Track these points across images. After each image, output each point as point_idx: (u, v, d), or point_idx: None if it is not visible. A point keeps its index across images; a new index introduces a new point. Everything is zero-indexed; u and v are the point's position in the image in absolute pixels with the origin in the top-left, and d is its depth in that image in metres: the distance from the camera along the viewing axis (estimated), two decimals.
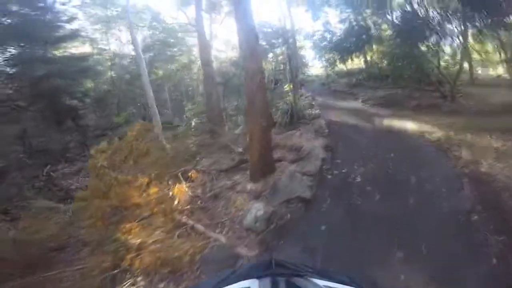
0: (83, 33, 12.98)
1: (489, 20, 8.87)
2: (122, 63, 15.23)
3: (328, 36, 13.80)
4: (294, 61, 11.37)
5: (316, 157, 5.04)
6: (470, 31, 9.81)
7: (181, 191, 5.49)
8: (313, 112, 9.47)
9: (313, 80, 21.12)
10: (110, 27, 14.57)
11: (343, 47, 12.99)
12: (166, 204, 4.26)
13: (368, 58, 16.28)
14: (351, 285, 0.69)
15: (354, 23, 12.32)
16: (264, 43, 12.53)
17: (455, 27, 10.06)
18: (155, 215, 4.04)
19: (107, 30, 14.76)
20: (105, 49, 15.17)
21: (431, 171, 4.21)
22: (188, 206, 4.70)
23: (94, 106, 13.71)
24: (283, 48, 12.64)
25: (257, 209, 4.00)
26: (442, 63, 11.04)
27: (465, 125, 6.49)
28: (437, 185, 3.84)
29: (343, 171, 4.65)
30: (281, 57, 13.80)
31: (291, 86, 10.87)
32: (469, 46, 10.94)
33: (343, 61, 14.38)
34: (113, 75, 15.01)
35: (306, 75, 20.80)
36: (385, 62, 13.15)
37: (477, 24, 9.34)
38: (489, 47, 11.28)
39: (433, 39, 10.41)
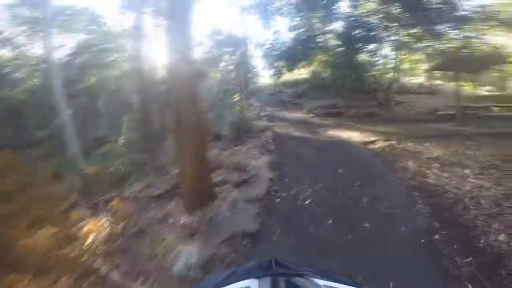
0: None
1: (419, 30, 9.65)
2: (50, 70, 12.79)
3: (277, 45, 13.71)
4: (244, 70, 11.04)
5: (263, 179, 4.40)
6: (402, 41, 10.60)
7: (96, 227, 4.31)
8: (261, 123, 9.00)
9: (263, 90, 21.11)
10: (37, 29, 12.15)
11: (290, 56, 13.02)
12: (71, 246, 3.18)
13: (313, 68, 16.86)
14: (351, 285, 0.68)
15: (302, 31, 12.47)
16: (215, 51, 11.78)
17: (391, 36, 10.80)
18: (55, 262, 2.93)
19: (34, 33, 12.30)
20: (29, 54, 12.70)
21: (381, 187, 3.93)
22: (104, 247, 3.70)
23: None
24: (234, 57, 12.10)
25: (189, 254, 3.12)
26: (377, 72, 11.78)
27: (404, 133, 6.71)
28: (390, 203, 3.51)
29: (292, 192, 4.08)
30: (231, 66, 13.28)
31: (241, 97, 10.27)
32: (401, 55, 11.93)
33: (290, 70, 14.44)
34: (36, 83, 12.50)
35: (257, 85, 20.68)
36: (328, 71, 13.61)
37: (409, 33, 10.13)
38: (416, 56, 12.48)
39: (371, 47, 11.03)
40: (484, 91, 13.27)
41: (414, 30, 9.82)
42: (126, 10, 11.51)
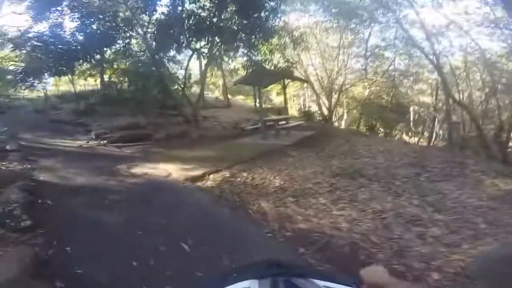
0: None
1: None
2: None
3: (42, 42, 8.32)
4: None
5: None
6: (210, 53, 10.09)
7: None
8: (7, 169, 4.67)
9: (23, 106, 14.26)
10: None
11: (70, 58, 8.47)
12: None
13: (106, 78, 12.97)
14: (350, 286, 0.66)
15: (96, 27, 8.33)
16: None
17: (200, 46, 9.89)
18: None
19: None
20: None
21: (245, 257, 2.35)
22: None
23: None
24: None
25: None
26: (183, 84, 10.69)
27: (229, 156, 5.86)
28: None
29: None
30: None
31: None
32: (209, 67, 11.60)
33: (59, 75, 9.77)
34: None
35: (12, 98, 14.04)
36: (127, 82, 10.68)
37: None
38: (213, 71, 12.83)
39: (179, 57, 9.63)
40: (271, 104, 16.52)
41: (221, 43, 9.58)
42: None
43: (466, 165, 4.72)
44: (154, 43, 9.17)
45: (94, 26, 8.31)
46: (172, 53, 10.10)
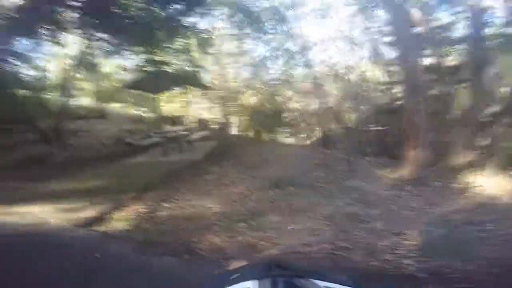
0: None
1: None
2: None
3: None
4: None
5: None
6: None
7: None
8: None
9: None
10: None
11: None
12: None
13: None
14: (352, 287, 0.65)
15: None
16: None
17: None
18: None
19: None
20: None
21: None
22: None
23: None
24: None
25: None
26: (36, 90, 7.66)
27: (128, 184, 4.59)
28: None
29: None
30: None
31: None
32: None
33: None
34: None
35: None
36: None
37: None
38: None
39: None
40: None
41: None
42: None
43: (358, 161, 5.86)
44: None
45: None
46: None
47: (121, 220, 3.40)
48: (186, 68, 9.60)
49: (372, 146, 6.99)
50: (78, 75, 9.39)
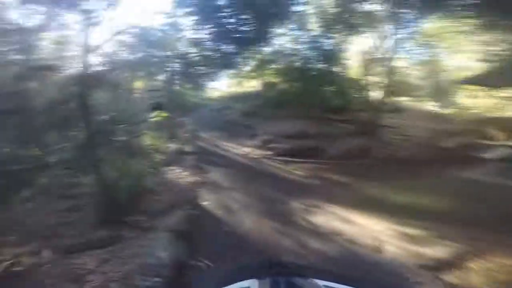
0: None
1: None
2: None
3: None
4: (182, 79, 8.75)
5: None
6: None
7: None
8: (178, 179, 4.27)
9: (206, 105, 16.41)
10: None
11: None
12: None
13: (266, 79, 12.73)
14: (350, 286, 0.64)
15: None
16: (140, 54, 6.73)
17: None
18: None
19: None
20: None
21: None
22: None
23: None
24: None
25: None
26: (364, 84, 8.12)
27: (467, 214, 2.83)
28: None
29: None
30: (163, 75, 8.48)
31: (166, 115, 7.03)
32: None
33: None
34: None
35: (200, 98, 15.97)
36: (287, 83, 9.60)
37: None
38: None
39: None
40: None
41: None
42: None
43: None
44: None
45: None
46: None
47: (477, 274, 1.90)
48: None
49: None
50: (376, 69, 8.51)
